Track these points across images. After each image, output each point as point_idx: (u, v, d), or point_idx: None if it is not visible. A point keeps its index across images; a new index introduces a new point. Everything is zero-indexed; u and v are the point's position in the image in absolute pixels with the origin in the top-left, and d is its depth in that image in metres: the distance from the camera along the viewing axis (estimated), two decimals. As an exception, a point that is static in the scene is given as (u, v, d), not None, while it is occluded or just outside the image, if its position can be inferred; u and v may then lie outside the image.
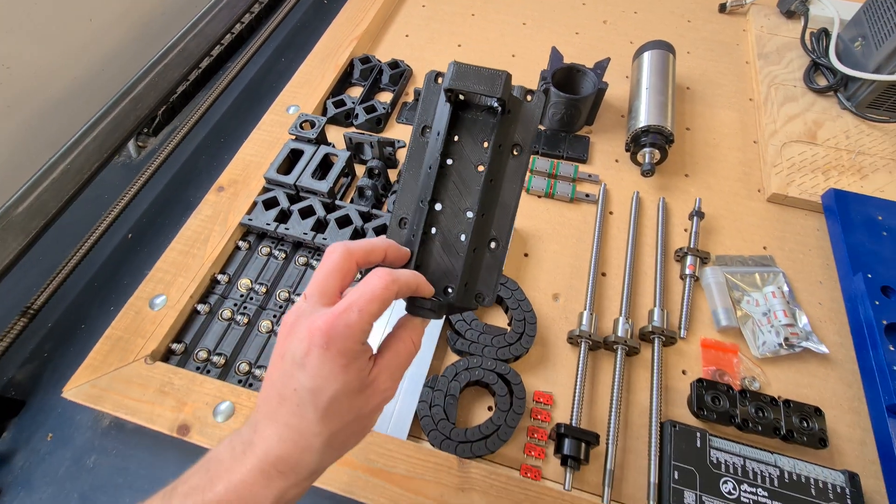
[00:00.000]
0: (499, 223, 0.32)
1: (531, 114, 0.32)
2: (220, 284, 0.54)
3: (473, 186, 0.31)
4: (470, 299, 0.31)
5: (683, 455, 0.44)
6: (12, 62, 0.59)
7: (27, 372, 0.51)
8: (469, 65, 0.30)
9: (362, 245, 0.29)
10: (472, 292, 0.31)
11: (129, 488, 0.45)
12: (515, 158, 0.32)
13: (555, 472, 0.45)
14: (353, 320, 0.26)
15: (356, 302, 0.26)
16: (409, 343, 0.30)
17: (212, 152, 0.70)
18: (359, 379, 0.27)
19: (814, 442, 0.45)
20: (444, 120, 0.31)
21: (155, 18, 0.76)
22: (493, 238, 0.32)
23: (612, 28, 0.83)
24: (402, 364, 0.30)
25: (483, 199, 0.31)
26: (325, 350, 0.25)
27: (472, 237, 0.31)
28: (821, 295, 0.56)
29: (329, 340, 0.25)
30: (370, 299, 0.26)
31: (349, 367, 0.26)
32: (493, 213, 0.32)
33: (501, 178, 0.32)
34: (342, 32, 0.77)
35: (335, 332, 0.25)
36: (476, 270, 0.31)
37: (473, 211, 0.31)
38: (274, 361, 0.27)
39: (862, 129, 0.68)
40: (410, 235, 0.31)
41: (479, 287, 0.32)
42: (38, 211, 0.50)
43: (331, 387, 0.26)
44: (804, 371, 0.51)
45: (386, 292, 0.27)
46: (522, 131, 0.32)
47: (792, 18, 0.82)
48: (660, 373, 0.49)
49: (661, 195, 0.63)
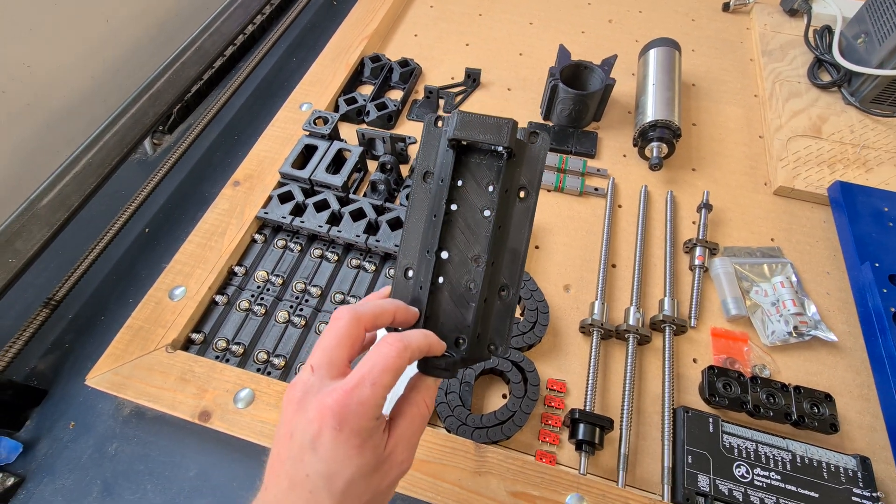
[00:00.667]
0: (509, 270, 0.31)
1: (536, 155, 0.31)
2: (238, 276, 0.55)
3: (481, 233, 0.30)
4: (482, 350, 0.30)
5: (696, 440, 0.44)
6: (32, 61, 0.60)
7: (49, 362, 0.52)
8: (473, 113, 0.30)
9: (370, 309, 0.28)
10: (484, 342, 0.30)
11: (151, 475, 0.46)
12: (522, 202, 0.31)
13: (569, 458, 0.45)
14: (365, 396, 0.24)
15: (368, 375, 0.25)
16: (423, 406, 0.28)
17: (226, 149, 0.71)
18: (375, 457, 0.25)
19: (825, 427, 0.45)
20: (448, 167, 0.30)
21: (170, 19, 0.77)
22: (504, 286, 0.30)
23: (617, 27, 0.85)
24: (417, 431, 0.28)
25: (492, 247, 0.30)
26: (338, 432, 0.24)
27: (482, 288, 0.30)
28: (828, 285, 0.56)
29: (342, 421, 0.24)
30: (383, 370, 0.25)
31: (364, 447, 0.24)
32: (502, 260, 0.31)
33: (509, 223, 0.31)
34: (352, 32, 0.79)
35: (347, 410, 0.24)
36: (487, 319, 0.30)
37: (483, 260, 0.30)
38: (281, 438, 0.26)
39: (866, 124, 0.69)
40: (417, 288, 0.30)
41: (492, 336, 0.30)
42: (62, 204, 0.51)
43: (346, 471, 0.24)
44: (813, 359, 0.51)
45: (398, 360, 0.25)
46: (528, 173, 0.31)
47: (795, 16, 0.83)
48: (671, 361, 0.50)
49: (668, 189, 0.64)
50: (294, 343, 0.51)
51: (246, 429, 0.44)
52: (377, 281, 0.55)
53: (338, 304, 0.53)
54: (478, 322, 0.30)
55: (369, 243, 0.55)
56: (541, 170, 0.31)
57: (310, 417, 0.24)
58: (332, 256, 0.56)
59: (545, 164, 0.32)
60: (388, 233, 0.56)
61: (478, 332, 0.30)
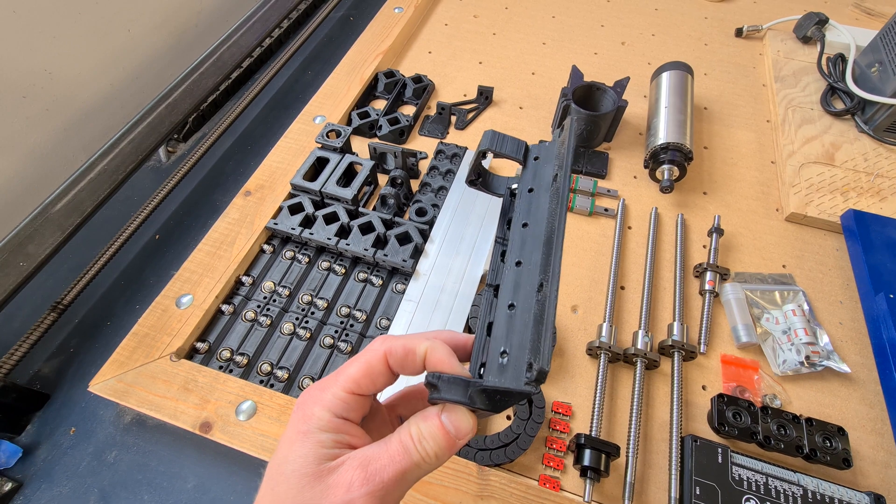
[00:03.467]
0: (544, 262, 0.24)
1: (564, 136, 0.28)
2: (245, 286, 0.55)
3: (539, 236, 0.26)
4: (516, 378, 0.22)
5: (704, 470, 0.43)
6: (55, 68, 0.62)
7: (53, 366, 0.52)
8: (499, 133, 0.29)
9: (404, 344, 0.24)
10: (516, 366, 0.22)
11: (149, 485, 0.45)
12: (555, 185, 0.27)
13: (573, 485, 0.44)
14: (328, 380, 0.24)
15: (339, 369, 0.25)
16: (414, 448, 0.23)
17: (239, 158, 0.72)
18: (315, 457, 0.22)
19: (837, 462, 0.44)
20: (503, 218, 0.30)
21: (189, 30, 0.79)
22: (540, 283, 0.24)
23: (630, 49, 0.85)
24: (394, 477, 0.22)
25: (516, 247, 0.27)
26: (295, 411, 0.24)
27: (501, 290, 0.26)
28: (841, 314, 0.55)
29: (302, 403, 0.24)
30: (351, 362, 0.25)
31: (307, 438, 0.22)
32: (535, 257, 0.25)
33: (542, 213, 0.27)
34: (368, 48, 0.80)
35: (311, 392, 0.24)
36: (518, 333, 0.23)
37: (533, 254, 0.25)
38: None
39: (880, 153, 0.68)
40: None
41: (528, 355, 0.22)
42: (75, 209, 0.51)
43: (282, 452, 0.23)
44: (826, 390, 0.50)
45: (370, 353, 0.25)
46: (559, 158, 0.28)
47: (808, 44, 0.84)
48: (680, 387, 0.49)
49: (679, 212, 0.63)
50: (298, 356, 0.50)
51: (247, 442, 0.44)
52: (384, 295, 0.55)
53: (343, 317, 0.53)
54: (494, 339, 0.24)
55: (377, 257, 0.55)
56: (568, 147, 0.27)
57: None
58: (339, 269, 0.56)
59: (573, 133, 0.29)
60: (397, 247, 0.56)
61: (502, 352, 0.23)
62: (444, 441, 0.23)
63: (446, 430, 0.23)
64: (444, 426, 0.23)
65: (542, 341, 0.21)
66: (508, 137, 0.30)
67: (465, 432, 0.23)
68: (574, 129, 0.30)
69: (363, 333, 0.52)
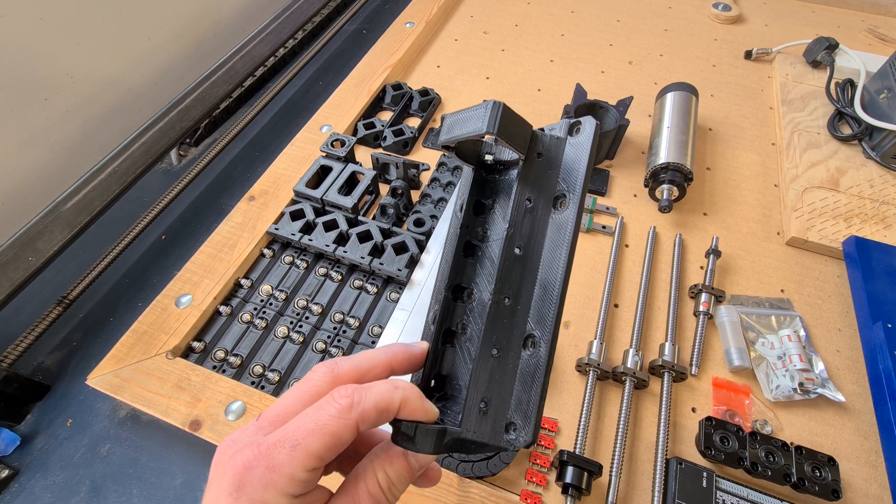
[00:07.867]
0: (538, 310, 0.22)
1: (579, 150, 0.23)
2: (243, 289, 0.56)
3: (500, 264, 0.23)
4: (492, 430, 0.21)
5: (688, 494, 0.43)
6: (76, 72, 0.64)
7: (55, 358, 0.54)
8: (460, 110, 0.24)
9: (354, 364, 0.22)
10: (496, 419, 0.21)
11: (139, 479, 0.46)
12: (559, 213, 0.23)
13: (555, 502, 0.44)
14: (279, 461, 0.19)
15: (291, 434, 0.19)
16: (368, 493, 0.21)
17: (246, 164, 0.74)
18: None
19: (826, 493, 0.43)
20: (465, 187, 0.25)
21: (208, 39, 0.82)
22: (530, 335, 0.22)
23: (637, 69, 0.86)
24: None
25: (502, 273, 0.23)
26: (234, 499, 0.19)
27: (484, 332, 0.22)
28: (839, 342, 0.55)
29: (239, 487, 0.19)
30: (311, 431, 0.19)
31: None
32: (529, 297, 0.23)
33: (539, 244, 0.23)
34: (377, 60, 0.82)
35: (251, 475, 0.19)
36: (501, 384, 0.22)
37: (487, 294, 0.23)
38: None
39: (887, 179, 0.67)
40: (428, 335, 0.24)
41: (512, 413, 0.21)
42: (84, 208, 0.53)
43: None
44: (819, 419, 0.49)
45: (336, 422, 0.19)
46: (567, 176, 0.23)
47: (817, 68, 0.83)
48: (668, 408, 0.48)
49: (677, 232, 0.63)
50: (290, 359, 0.51)
51: (234, 441, 0.45)
52: (378, 303, 0.56)
53: (337, 323, 0.54)
54: (475, 384, 0.21)
55: (373, 265, 0.56)
56: (586, 167, 0.23)
57: (219, 472, 0.20)
58: (336, 276, 0.57)
59: (594, 159, 0.23)
60: (393, 256, 0.57)
61: (482, 401, 0.21)
62: (410, 480, 0.22)
63: (413, 471, 0.22)
64: (411, 468, 0.22)
65: (530, 405, 0.20)
66: (516, 115, 0.23)
67: (425, 466, 0.23)
68: (595, 145, 0.23)
69: (355, 340, 0.53)
